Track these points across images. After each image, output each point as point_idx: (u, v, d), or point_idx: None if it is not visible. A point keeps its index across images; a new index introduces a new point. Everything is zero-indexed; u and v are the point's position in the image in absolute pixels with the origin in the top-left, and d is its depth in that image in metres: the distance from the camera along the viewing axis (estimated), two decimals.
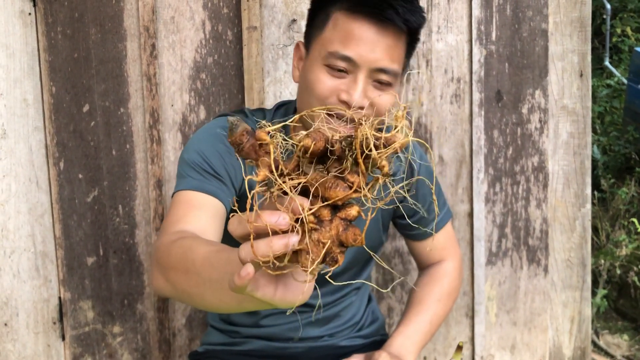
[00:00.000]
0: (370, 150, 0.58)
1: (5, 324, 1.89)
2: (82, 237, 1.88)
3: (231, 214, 0.62)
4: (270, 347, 1.32)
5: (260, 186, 0.60)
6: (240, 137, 0.60)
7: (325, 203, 0.59)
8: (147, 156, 1.84)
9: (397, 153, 0.60)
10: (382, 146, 0.59)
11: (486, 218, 1.87)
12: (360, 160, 0.59)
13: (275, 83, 1.83)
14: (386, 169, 0.60)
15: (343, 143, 0.60)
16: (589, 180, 1.87)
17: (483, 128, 1.84)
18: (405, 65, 1.18)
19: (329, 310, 1.35)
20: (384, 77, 1.10)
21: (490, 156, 1.86)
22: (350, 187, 0.59)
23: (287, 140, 0.61)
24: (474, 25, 1.80)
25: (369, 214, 0.61)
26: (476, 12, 1.80)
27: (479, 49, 1.81)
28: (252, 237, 0.58)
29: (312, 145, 0.59)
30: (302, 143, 0.59)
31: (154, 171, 1.84)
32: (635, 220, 3.07)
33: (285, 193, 0.59)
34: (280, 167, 0.59)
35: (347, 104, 1.08)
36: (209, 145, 1.16)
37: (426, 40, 1.82)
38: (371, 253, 1.05)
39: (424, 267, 1.43)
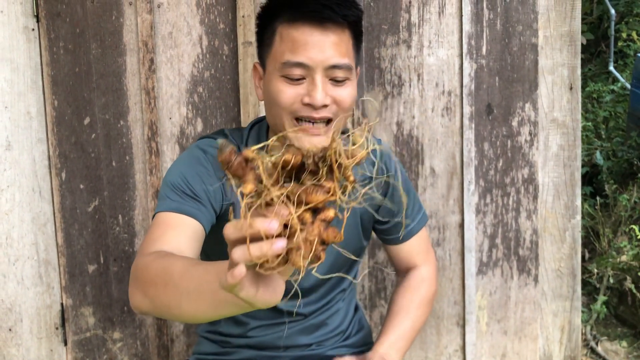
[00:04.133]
0: (341, 163, 0.68)
1: (10, 329, 1.96)
2: (84, 246, 1.94)
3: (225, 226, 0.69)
4: (259, 356, 1.36)
5: (249, 198, 0.68)
6: (229, 155, 0.68)
7: (308, 207, 0.67)
8: (146, 167, 1.90)
9: (362, 162, 0.69)
10: (350, 156, 0.68)
11: (477, 229, 1.90)
12: (335, 168, 0.68)
13: None
14: (352, 178, 0.69)
15: (316, 157, 0.69)
16: (579, 191, 1.89)
17: (474, 140, 1.87)
18: (357, 60, 1.23)
19: (316, 318, 1.39)
20: (338, 73, 1.15)
21: (481, 168, 1.89)
22: (328, 192, 0.68)
23: (270, 156, 0.69)
24: (465, 40, 1.84)
25: (345, 213, 0.71)
26: (467, 27, 1.84)
27: (470, 63, 1.85)
28: (248, 240, 0.66)
29: (292, 159, 0.68)
30: (283, 157, 0.68)
31: (152, 182, 1.89)
32: (635, 227, 3.08)
33: (269, 203, 0.67)
34: (264, 180, 0.68)
35: (312, 106, 1.14)
36: (189, 168, 1.22)
37: (417, 55, 1.86)
38: (347, 254, 1.10)
39: (401, 271, 1.47)
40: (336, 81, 1.16)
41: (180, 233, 1.11)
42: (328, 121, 1.18)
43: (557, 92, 1.87)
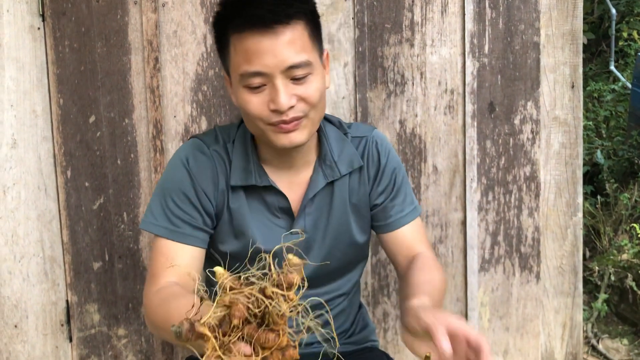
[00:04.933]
0: (279, 309, 0.79)
1: (16, 326, 1.97)
2: (89, 243, 1.95)
3: None
4: None
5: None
6: (187, 336, 0.78)
7: (265, 354, 0.80)
8: (150, 165, 1.91)
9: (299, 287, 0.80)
10: (285, 286, 0.81)
11: (479, 226, 1.92)
12: (277, 320, 0.79)
13: None
14: (287, 314, 0.80)
15: (257, 311, 0.79)
16: (580, 189, 1.91)
17: (476, 138, 1.89)
18: (319, 47, 1.22)
19: (319, 317, 1.41)
20: (297, 72, 1.15)
21: (483, 166, 1.90)
22: (278, 334, 0.80)
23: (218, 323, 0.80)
24: (467, 39, 1.85)
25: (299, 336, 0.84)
26: (469, 25, 1.85)
27: (472, 61, 1.86)
28: None
29: (238, 321, 0.79)
30: (233, 323, 0.78)
31: (157, 180, 1.91)
32: (636, 225, 3.09)
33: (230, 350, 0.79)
34: (220, 339, 0.79)
35: (278, 111, 1.15)
36: (179, 182, 1.27)
37: (420, 53, 1.87)
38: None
39: (401, 263, 1.40)
40: (297, 79, 1.16)
41: (182, 261, 1.24)
42: (300, 117, 1.19)
43: (559, 91, 1.88)
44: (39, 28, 1.88)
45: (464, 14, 1.84)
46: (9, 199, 1.92)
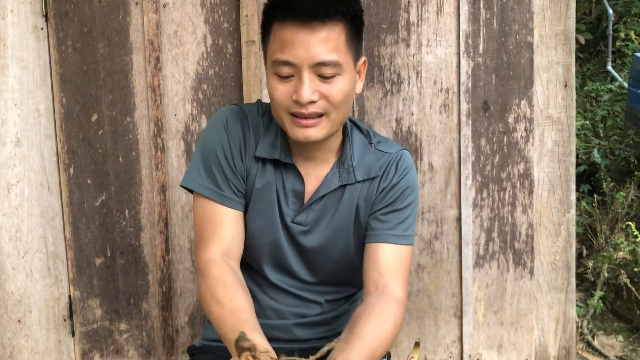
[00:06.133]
0: None
1: (19, 321, 2.01)
2: (91, 239, 1.99)
3: None
4: None
5: None
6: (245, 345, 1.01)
7: None
8: (152, 163, 1.95)
9: None
10: None
11: (474, 222, 1.95)
12: None
13: None
14: None
15: None
16: (573, 186, 1.94)
17: (471, 136, 1.92)
18: (357, 50, 1.26)
19: (319, 317, 1.44)
20: (325, 70, 1.19)
21: (478, 163, 1.94)
22: None
23: None
24: (462, 39, 1.89)
25: None
26: (464, 26, 1.89)
27: (467, 61, 1.90)
28: None
29: None
30: None
31: (158, 177, 1.95)
32: (631, 223, 3.13)
33: None
34: None
35: (299, 102, 1.20)
36: (220, 143, 1.32)
37: (416, 53, 1.91)
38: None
39: (367, 286, 1.33)
40: (324, 77, 1.20)
41: (228, 227, 1.31)
42: (320, 116, 1.23)
43: (552, 90, 1.92)
44: (42, 28, 1.91)
45: (458, 15, 1.88)
46: (12, 196, 1.95)
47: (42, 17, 1.91)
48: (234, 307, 1.20)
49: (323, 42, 1.19)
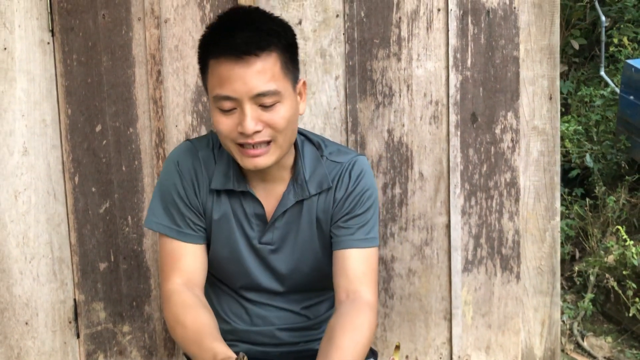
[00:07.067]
0: None
1: (26, 323, 2.09)
2: (95, 245, 2.07)
3: None
4: (251, 350, 1.48)
5: None
6: None
7: None
8: (153, 172, 2.03)
9: None
10: None
11: (462, 229, 2.04)
12: None
13: None
14: None
15: None
16: (558, 194, 2.03)
17: (459, 147, 2.01)
18: (294, 74, 1.32)
19: (303, 323, 1.51)
20: (265, 100, 1.25)
21: (466, 172, 2.02)
22: None
23: None
24: (451, 53, 1.97)
25: None
26: (453, 41, 1.97)
27: (456, 74, 1.98)
28: None
29: None
30: None
31: None
32: (620, 227, 3.20)
33: None
34: None
35: (245, 134, 1.26)
36: (173, 184, 1.40)
37: (407, 67, 1.99)
38: None
39: (339, 293, 1.38)
40: (265, 106, 1.26)
41: (188, 260, 1.40)
42: (269, 142, 1.28)
43: (538, 102, 2.00)
44: (48, 43, 1.99)
45: (447, 30, 1.96)
46: (20, 203, 2.03)
47: (48, 32, 1.99)
48: (196, 326, 1.29)
49: (259, 74, 1.24)
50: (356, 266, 1.38)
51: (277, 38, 1.28)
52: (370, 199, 1.43)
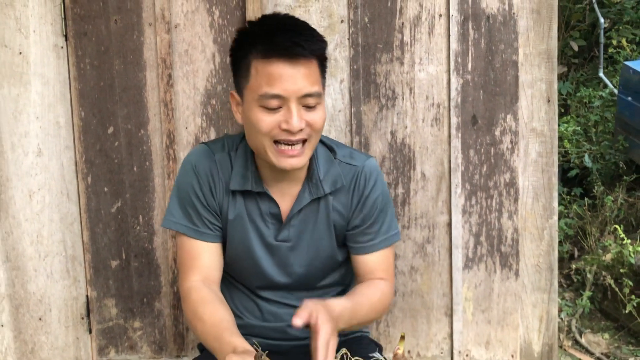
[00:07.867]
0: None
1: (40, 319, 2.16)
2: (107, 243, 2.14)
3: None
4: (263, 344, 1.53)
5: None
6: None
7: None
8: (164, 172, 2.09)
9: None
10: None
11: (463, 227, 2.10)
12: None
13: None
14: None
15: None
16: (555, 194, 2.09)
17: (460, 148, 2.07)
18: (323, 84, 1.41)
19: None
20: (310, 101, 1.33)
21: (467, 173, 2.09)
22: None
23: None
24: (452, 57, 2.03)
25: None
26: (454, 45, 2.03)
27: (457, 78, 2.05)
28: None
29: None
30: None
31: (170, 185, 2.09)
32: (617, 226, 3.26)
33: None
34: None
35: (289, 131, 1.32)
36: (190, 185, 1.46)
37: (409, 70, 2.05)
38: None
39: (359, 282, 1.54)
40: (309, 107, 1.34)
41: (205, 258, 1.46)
42: (304, 141, 1.36)
43: (536, 105, 2.06)
44: (62, 47, 2.06)
45: (449, 35, 2.03)
46: (34, 202, 2.10)
47: (62, 37, 2.05)
48: (214, 321, 1.34)
49: (306, 76, 1.32)
50: (377, 266, 1.52)
51: (319, 46, 1.36)
52: (385, 199, 1.53)
